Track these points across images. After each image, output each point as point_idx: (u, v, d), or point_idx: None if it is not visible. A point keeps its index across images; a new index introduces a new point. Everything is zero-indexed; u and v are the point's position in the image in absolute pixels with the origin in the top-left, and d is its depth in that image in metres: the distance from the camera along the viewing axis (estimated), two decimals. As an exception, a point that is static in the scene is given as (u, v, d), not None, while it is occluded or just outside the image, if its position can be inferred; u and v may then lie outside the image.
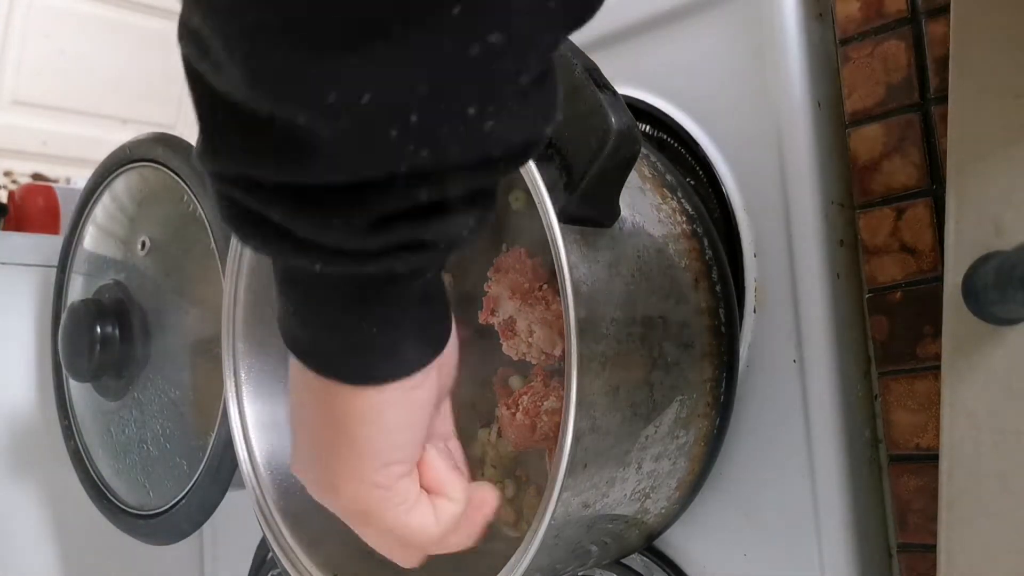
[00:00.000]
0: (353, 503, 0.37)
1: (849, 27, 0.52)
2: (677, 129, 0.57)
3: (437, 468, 0.40)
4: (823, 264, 0.51)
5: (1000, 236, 0.43)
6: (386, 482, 0.37)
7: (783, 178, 0.52)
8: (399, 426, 0.36)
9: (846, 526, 0.49)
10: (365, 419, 0.35)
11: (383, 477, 0.36)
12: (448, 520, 0.39)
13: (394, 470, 0.37)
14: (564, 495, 0.41)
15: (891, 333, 0.50)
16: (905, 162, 0.50)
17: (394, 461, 0.36)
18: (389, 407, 0.35)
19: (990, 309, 0.43)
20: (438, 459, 0.40)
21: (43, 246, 0.93)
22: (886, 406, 0.50)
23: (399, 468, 0.37)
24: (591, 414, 0.42)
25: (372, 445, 0.35)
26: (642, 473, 0.46)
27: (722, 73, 0.56)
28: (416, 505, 0.38)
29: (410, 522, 0.38)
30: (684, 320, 0.48)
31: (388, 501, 0.37)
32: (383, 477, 0.36)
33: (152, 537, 0.75)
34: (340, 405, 0.35)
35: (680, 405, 0.47)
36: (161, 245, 0.81)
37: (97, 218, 0.85)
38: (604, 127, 0.41)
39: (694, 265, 0.50)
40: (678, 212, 0.50)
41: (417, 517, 0.38)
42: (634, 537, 0.51)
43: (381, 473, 0.36)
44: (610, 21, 0.60)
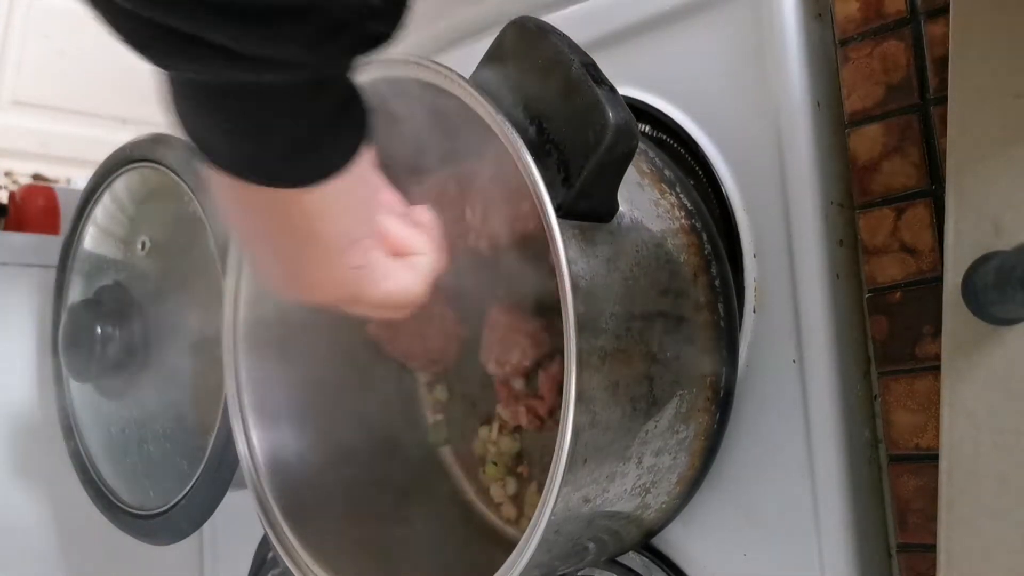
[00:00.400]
0: (333, 291, 0.40)
1: (849, 27, 0.52)
2: (677, 129, 0.57)
3: (396, 232, 0.43)
4: (823, 264, 0.51)
5: (1000, 236, 0.43)
6: (358, 258, 0.40)
7: (783, 178, 0.53)
8: (349, 208, 0.38)
9: (846, 526, 0.49)
10: (319, 211, 0.37)
11: (352, 255, 0.39)
12: (426, 271, 0.44)
13: (359, 246, 0.40)
14: (564, 490, 0.41)
15: (891, 333, 0.50)
16: (905, 162, 0.50)
17: (355, 238, 0.39)
18: (337, 194, 0.37)
19: (990, 309, 0.43)
20: (394, 224, 0.43)
21: (43, 246, 0.93)
22: (886, 406, 0.50)
23: (364, 241, 0.40)
24: (591, 409, 0.42)
25: (332, 230, 0.38)
26: (642, 468, 0.46)
27: (722, 73, 0.56)
28: (392, 271, 0.42)
29: (390, 287, 0.42)
30: (683, 315, 0.48)
31: (367, 277, 0.41)
32: (352, 255, 0.39)
33: (152, 537, 0.75)
34: (292, 207, 0.36)
35: (680, 400, 0.47)
36: (161, 245, 0.81)
37: (97, 218, 0.85)
38: (602, 122, 0.41)
39: (693, 260, 0.50)
40: (677, 207, 0.50)
41: (395, 281, 0.42)
42: (633, 533, 0.51)
43: (349, 252, 0.39)
44: (610, 21, 0.60)
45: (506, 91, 0.45)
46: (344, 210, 0.38)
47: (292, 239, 0.38)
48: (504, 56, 0.45)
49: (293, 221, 0.37)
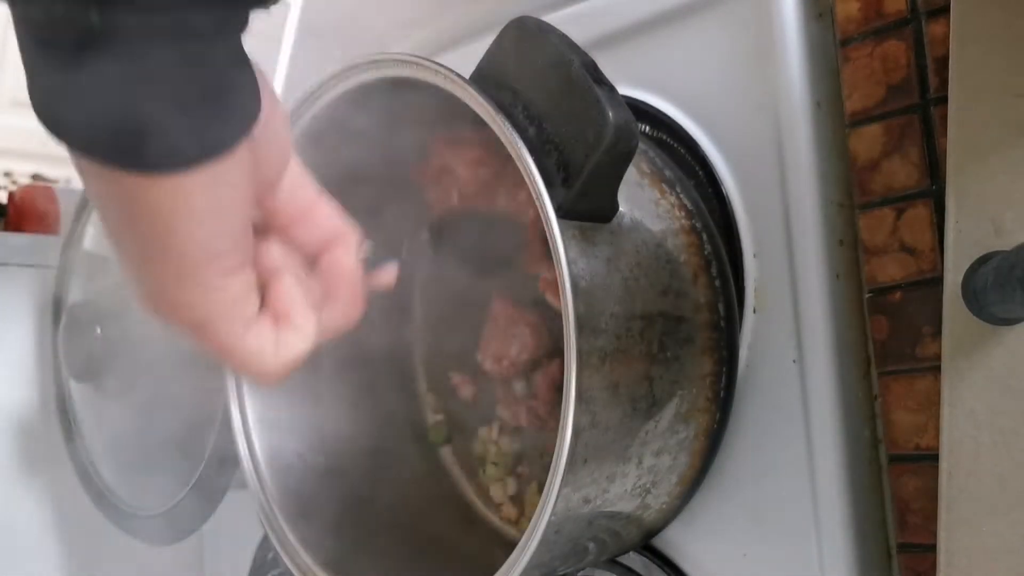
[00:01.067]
0: (179, 314, 0.33)
1: (849, 27, 0.52)
2: (677, 129, 0.57)
3: (288, 293, 0.36)
4: (823, 264, 0.51)
5: (1000, 236, 0.43)
6: (212, 283, 0.33)
7: (783, 178, 0.53)
8: (215, 212, 0.31)
9: (846, 526, 0.49)
10: (171, 210, 0.30)
11: (207, 276, 0.32)
12: (289, 352, 0.36)
13: (220, 265, 0.33)
14: (564, 490, 0.41)
15: (891, 333, 0.50)
16: (905, 162, 0.50)
17: (217, 254, 0.32)
18: (199, 191, 0.30)
19: (990, 309, 0.43)
20: (293, 285, 0.36)
21: (43, 246, 0.93)
22: (886, 406, 0.50)
23: (227, 262, 0.33)
24: (591, 409, 0.42)
25: (184, 238, 0.31)
26: (643, 468, 0.46)
27: (722, 73, 0.56)
28: (255, 325, 0.35)
29: (245, 344, 0.35)
30: (683, 315, 0.48)
31: (219, 311, 0.33)
32: (207, 276, 0.32)
33: (152, 537, 0.75)
34: (137, 200, 0.30)
35: (680, 400, 0.47)
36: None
37: (97, 218, 0.85)
38: (601, 122, 0.41)
39: (693, 260, 0.50)
40: (677, 207, 0.50)
41: (253, 339, 0.35)
42: (634, 534, 0.51)
43: (203, 271, 0.32)
44: (610, 21, 0.60)
45: (506, 91, 0.45)
46: (208, 212, 0.31)
47: (137, 239, 0.32)
48: (504, 56, 0.45)
49: (137, 217, 0.31)
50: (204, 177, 0.30)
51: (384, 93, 0.50)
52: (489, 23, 0.67)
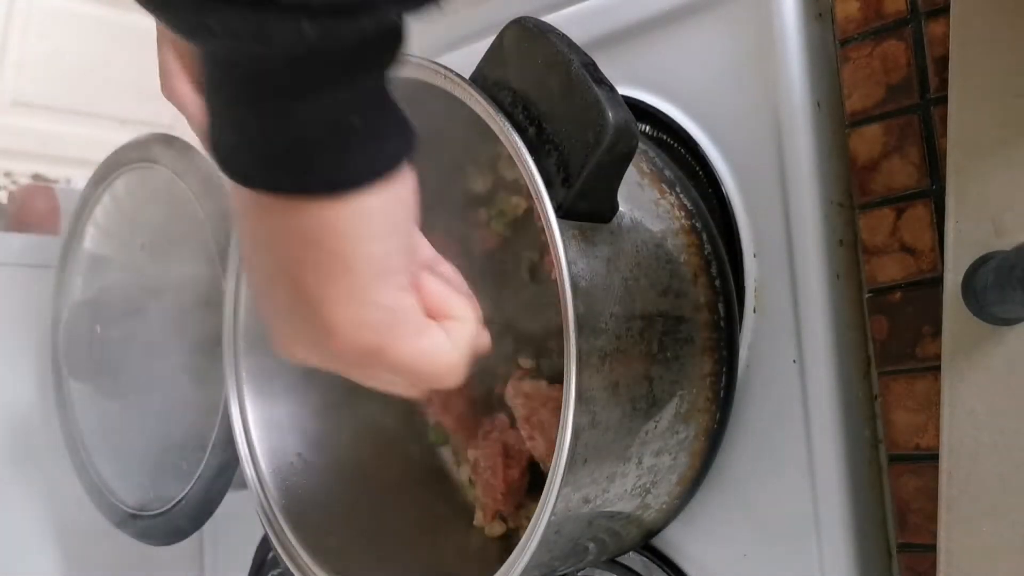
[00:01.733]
0: (357, 337, 0.34)
1: (849, 27, 0.52)
2: (677, 129, 0.57)
3: (436, 290, 0.37)
4: (823, 264, 0.51)
5: (1000, 236, 0.43)
6: (390, 299, 0.34)
7: (783, 178, 0.53)
8: (389, 230, 0.33)
9: (846, 526, 0.49)
10: (354, 229, 0.32)
11: (385, 293, 0.34)
12: (463, 340, 0.37)
13: (396, 281, 0.34)
14: (564, 490, 0.41)
15: (891, 333, 0.50)
16: (905, 162, 0.50)
17: (393, 270, 0.34)
18: (378, 209, 0.32)
19: (990, 309, 0.43)
20: (434, 282, 0.38)
21: (43, 246, 0.93)
22: (886, 406, 0.50)
23: (400, 278, 0.34)
24: (591, 409, 0.42)
25: (366, 257, 0.32)
26: (642, 468, 0.46)
27: (722, 73, 0.56)
28: (425, 328, 0.36)
29: (423, 346, 0.35)
30: (683, 315, 0.48)
31: (396, 326, 0.34)
32: (385, 293, 0.34)
33: (152, 537, 0.75)
34: (321, 227, 0.32)
35: (680, 400, 0.47)
36: (161, 245, 0.81)
37: (97, 218, 0.85)
38: (601, 122, 0.41)
39: (693, 260, 0.50)
40: (677, 207, 0.50)
41: (430, 340, 0.36)
42: (634, 534, 0.51)
43: (382, 289, 0.33)
44: (610, 21, 0.60)
45: (506, 91, 0.45)
46: (381, 233, 0.32)
47: (315, 267, 0.33)
48: (504, 56, 0.45)
49: (318, 241, 0.32)
50: (383, 195, 0.32)
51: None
52: (489, 24, 0.67)
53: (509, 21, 0.46)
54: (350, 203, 0.31)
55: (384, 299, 0.34)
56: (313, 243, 0.32)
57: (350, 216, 0.31)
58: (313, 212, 0.31)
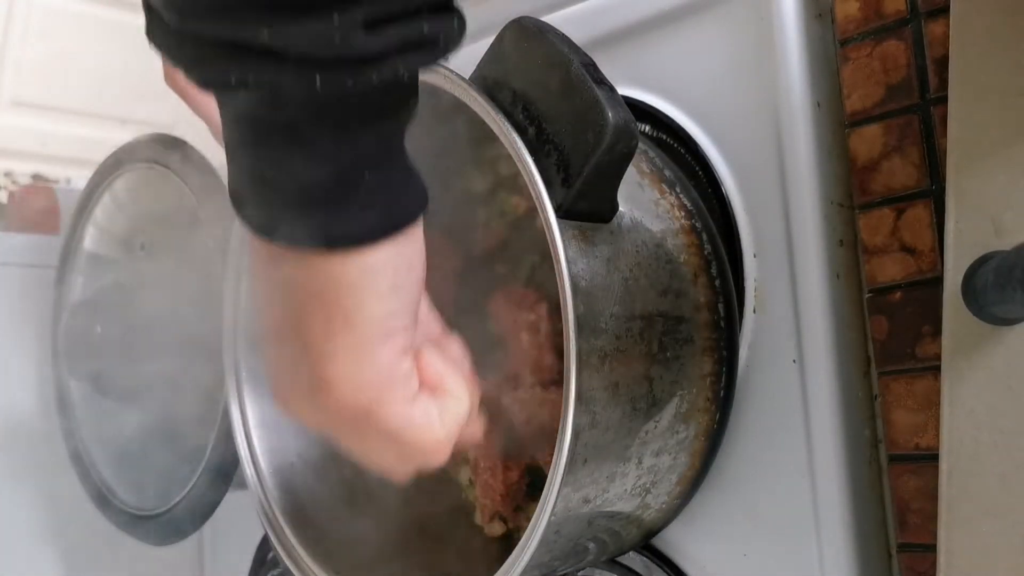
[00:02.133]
0: (350, 394, 0.34)
1: (849, 27, 0.52)
2: (677, 129, 0.57)
3: (435, 363, 0.37)
4: (823, 264, 0.51)
5: (1000, 236, 0.43)
6: (387, 360, 0.33)
7: (783, 178, 0.53)
8: (395, 288, 0.33)
9: (846, 526, 0.49)
10: (358, 285, 0.32)
11: (384, 354, 0.33)
12: (452, 419, 0.37)
13: (396, 342, 0.34)
14: (564, 490, 0.41)
15: (891, 333, 0.50)
16: (905, 162, 0.50)
17: (395, 331, 0.33)
18: (383, 267, 0.32)
19: (990, 309, 0.43)
20: (435, 355, 0.37)
21: (43, 246, 0.93)
22: (886, 406, 0.50)
23: (401, 340, 0.34)
24: (591, 409, 0.42)
25: (369, 314, 0.32)
26: (642, 468, 0.46)
27: (722, 73, 0.56)
28: (419, 399, 0.36)
29: (413, 415, 0.35)
30: (683, 315, 0.48)
31: (391, 389, 0.34)
32: (384, 354, 0.33)
33: (152, 537, 0.75)
34: (326, 280, 0.32)
35: (680, 400, 0.47)
36: (161, 245, 0.81)
37: (97, 218, 0.85)
38: (601, 122, 0.41)
39: (693, 260, 0.50)
40: (677, 207, 0.50)
41: (422, 412, 0.35)
42: (634, 534, 0.51)
43: (381, 349, 0.33)
44: (610, 21, 0.60)
45: (506, 91, 0.45)
46: (385, 291, 0.32)
47: (318, 320, 0.33)
48: (504, 56, 0.45)
49: (322, 296, 0.32)
50: (390, 252, 0.32)
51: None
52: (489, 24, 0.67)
53: (509, 21, 0.46)
54: (354, 258, 0.31)
55: (382, 359, 0.34)
56: (318, 296, 0.32)
57: (354, 271, 0.32)
58: (319, 265, 0.32)
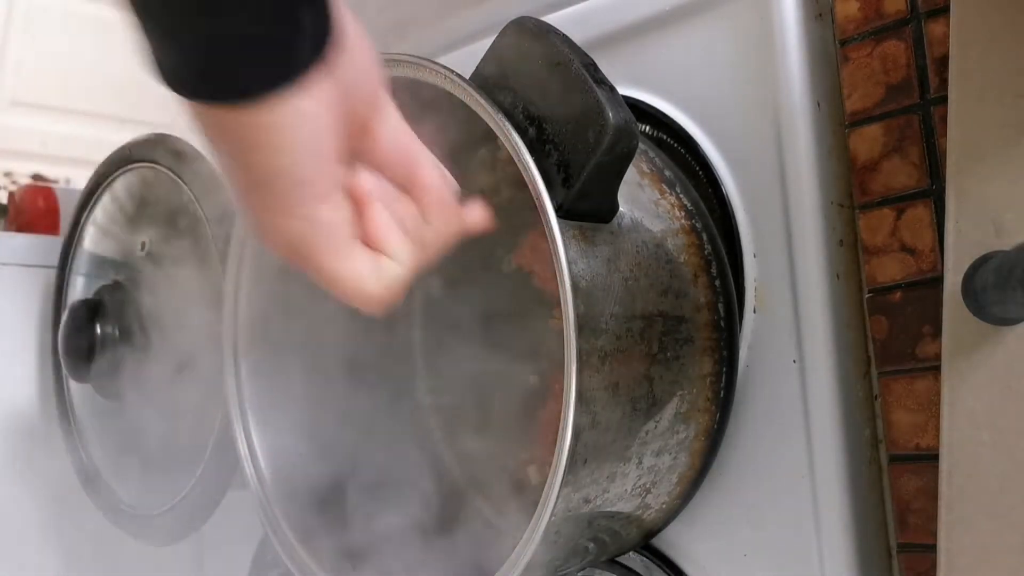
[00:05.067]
0: (280, 241, 0.35)
1: (849, 27, 0.52)
2: (677, 129, 0.57)
3: (378, 221, 0.37)
4: (823, 264, 0.51)
5: (1000, 236, 0.43)
6: (304, 208, 0.35)
7: (783, 178, 0.53)
8: (295, 143, 0.33)
9: (846, 526, 0.49)
10: (259, 142, 0.33)
11: (298, 202, 0.34)
12: (388, 278, 0.37)
13: (309, 190, 0.34)
14: (564, 490, 0.41)
15: (891, 333, 0.50)
16: (905, 162, 0.50)
17: (302, 180, 0.34)
18: (279, 124, 0.33)
19: (990, 309, 0.43)
20: (381, 212, 0.37)
21: (43, 246, 0.93)
22: (886, 406, 0.50)
23: (313, 188, 0.35)
24: (591, 409, 0.42)
25: (270, 167, 0.33)
26: (643, 468, 0.46)
27: (722, 73, 0.56)
28: (348, 252, 0.36)
29: (342, 269, 0.36)
30: (683, 315, 0.48)
31: (314, 238, 0.35)
32: (298, 202, 0.34)
33: (152, 537, 0.75)
34: (235, 136, 0.33)
35: (680, 400, 0.47)
36: (161, 245, 0.81)
37: (97, 218, 0.85)
38: (601, 122, 0.41)
39: (693, 260, 0.50)
40: (677, 207, 0.50)
41: (352, 267, 0.36)
42: (634, 534, 0.51)
43: (295, 197, 0.34)
44: (610, 21, 0.60)
45: (506, 91, 0.45)
46: (290, 142, 0.33)
47: (239, 174, 0.34)
48: (504, 56, 0.46)
49: (237, 152, 0.33)
50: (285, 107, 0.32)
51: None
52: (489, 24, 0.67)
53: (509, 21, 0.46)
54: (251, 114, 0.32)
55: (298, 210, 0.35)
56: (235, 152, 0.34)
57: (254, 127, 0.32)
58: (228, 122, 0.33)
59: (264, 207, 0.35)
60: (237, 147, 0.33)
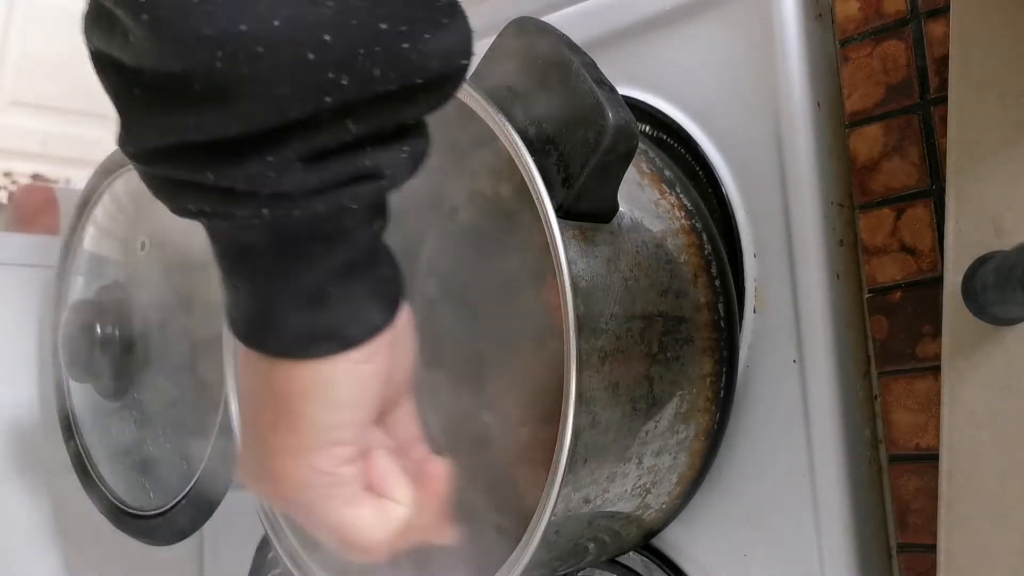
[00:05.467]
0: (292, 489, 0.35)
1: (849, 27, 0.52)
2: (677, 129, 0.57)
3: (383, 467, 0.37)
4: (823, 264, 0.51)
5: (1000, 236, 0.43)
6: (327, 465, 0.34)
7: (783, 178, 0.53)
8: (345, 403, 0.34)
9: (846, 526, 0.49)
10: (308, 394, 0.33)
11: (325, 459, 0.34)
12: (393, 523, 0.37)
13: (337, 452, 0.34)
14: (564, 490, 0.41)
15: (891, 333, 0.50)
16: (905, 162, 0.50)
17: (338, 442, 0.34)
18: (336, 381, 0.33)
19: (990, 309, 0.43)
20: (385, 459, 0.38)
21: (43, 246, 0.93)
22: (886, 406, 0.50)
23: (342, 451, 0.35)
24: (591, 409, 0.42)
25: (314, 422, 0.33)
26: (643, 468, 0.46)
27: (722, 73, 0.56)
28: (356, 501, 0.36)
29: (348, 519, 0.36)
30: (683, 315, 0.48)
31: (328, 490, 0.35)
32: (325, 459, 0.34)
33: (152, 537, 0.75)
34: (283, 381, 0.33)
35: (680, 400, 0.47)
36: (161, 245, 0.81)
37: (97, 218, 0.85)
38: (601, 122, 0.41)
39: (693, 260, 0.50)
40: (677, 207, 0.50)
41: (357, 514, 0.36)
42: (634, 534, 0.51)
43: (323, 454, 0.34)
44: (610, 21, 0.60)
45: (506, 92, 0.45)
46: (335, 404, 0.33)
47: (271, 415, 0.34)
48: (504, 56, 0.45)
49: (278, 393, 0.33)
50: (343, 365, 0.33)
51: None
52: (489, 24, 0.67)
53: (509, 21, 0.46)
54: (305, 368, 0.32)
55: (323, 465, 0.34)
56: (271, 394, 0.33)
57: (305, 380, 0.33)
58: (274, 367, 0.33)
59: (282, 451, 0.34)
60: (284, 389, 0.33)
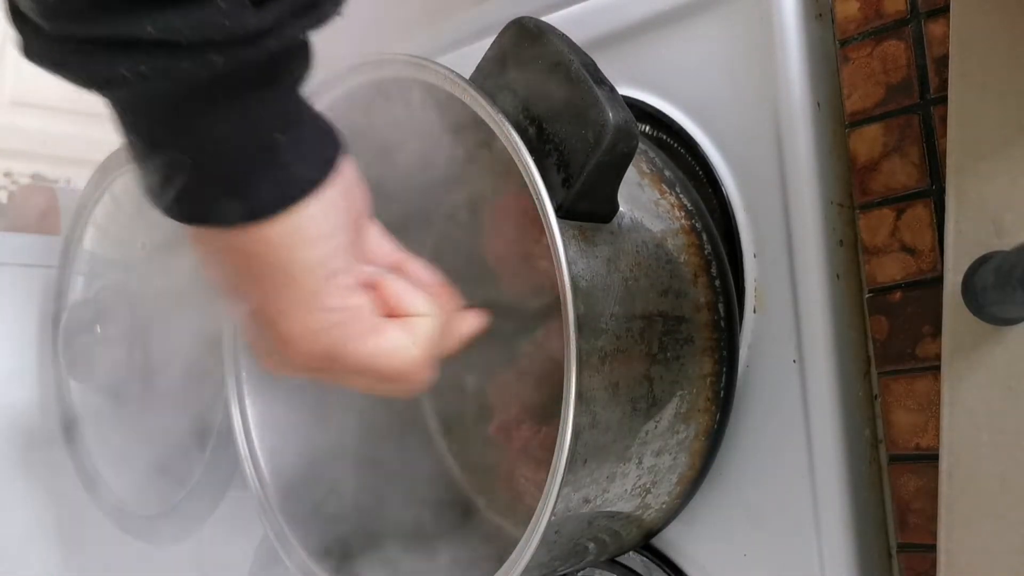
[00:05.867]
0: (311, 344, 0.35)
1: (849, 27, 0.52)
2: (677, 129, 0.57)
3: (394, 289, 0.37)
4: (823, 264, 0.51)
5: (1000, 236, 0.43)
6: (336, 300, 0.34)
7: (783, 178, 0.53)
8: (324, 234, 0.34)
9: (846, 526, 0.49)
10: (289, 241, 0.33)
11: (331, 296, 0.34)
12: (425, 335, 0.37)
13: (339, 283, 0.35)
14: (564, 490, 0.41)
15: (891, 333, 0.50)
16: (905, 162, 0.50)
17: (334, 272, 0.34)
18: (310, 218, 0.33)
19: (990, 309, 0.43)
20: (393, 281, 0.38)
21: (43, 246, 0.93)
22: (886, 406, 0.50)
23: (343, 279, 0.35)
24: (591, 409, 0.42)
25: (304, 263, 0.33)
26: (643, 468, 0.46)
27: (722, 73, 0.56)
28: (381, 329, 0.36)
29: (379, 345, 0.36)
30: (683, 315, 0.48)
31: (347, 327, 0.35)
32: (331, 296, 0.34)
33: (152, 537, 0.75)
34: (261, 243, 0.33)
35: (680, 400, 0.47)
36: (161, 245, 0.81)
37: (97, 218, 0.85)
38: (601, 122, 0.41)
39: (693, 260, 0.50)
40: (677, 207, 0.50)
41: (387, 339, 0.36)
42: (634, 534, 0.51)
43: (327, 290, 0.34)
44: (610, 21, 0.60)
45: (506, 91, 0.45)
46: (316, 238, 0.33)
47: (260, 281, 0.34)
48: (504, 56, 0.45)
49: (257, 258, 0.33)
50: (312, 206, 0.33)
51: (384, 94, 0.50)
52: (489, 24, 0.67)
53: (509, 21, 0.46)
54: (278, 221, 0.32)
55: (331, 302, 0.34)
56: (252, 262, 0.33)
57: (284, 231, 0.33)
58: (247, 235, 0.33)
59: (288, 309, 0.34)
60: (264, 250, 0.33)
